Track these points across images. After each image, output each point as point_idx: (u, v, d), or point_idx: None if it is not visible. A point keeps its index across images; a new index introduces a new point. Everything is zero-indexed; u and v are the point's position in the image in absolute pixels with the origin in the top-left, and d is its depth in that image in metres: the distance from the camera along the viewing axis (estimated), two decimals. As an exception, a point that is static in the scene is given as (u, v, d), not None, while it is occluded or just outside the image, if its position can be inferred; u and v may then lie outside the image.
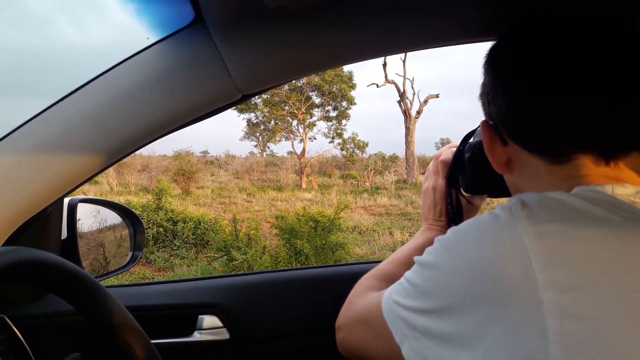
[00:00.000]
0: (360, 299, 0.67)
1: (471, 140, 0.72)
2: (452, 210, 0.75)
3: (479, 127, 0.69)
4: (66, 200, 0.94)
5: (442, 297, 0.44)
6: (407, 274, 0.50)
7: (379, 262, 0.79)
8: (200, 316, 0.99)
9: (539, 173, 0.52)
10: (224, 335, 0.99)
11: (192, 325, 0.99)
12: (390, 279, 0.65)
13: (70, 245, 0.94)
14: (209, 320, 0.99)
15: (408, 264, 0.52)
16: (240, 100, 0.73)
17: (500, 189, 0.64)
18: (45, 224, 0.87)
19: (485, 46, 0.58)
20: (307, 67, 0.72)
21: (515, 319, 0.38)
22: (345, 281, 0.76)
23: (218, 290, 1.02)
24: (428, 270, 0.47)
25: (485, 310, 0.40)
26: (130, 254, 1.11)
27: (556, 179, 0.50)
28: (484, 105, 0.58)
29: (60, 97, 0.69)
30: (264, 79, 0.71)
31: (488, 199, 0.80)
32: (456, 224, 0.56)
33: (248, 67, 0.69)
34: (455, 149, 0.75)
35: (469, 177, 0.70)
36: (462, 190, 0.75)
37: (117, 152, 0.71)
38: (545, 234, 0.40)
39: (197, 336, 0.99)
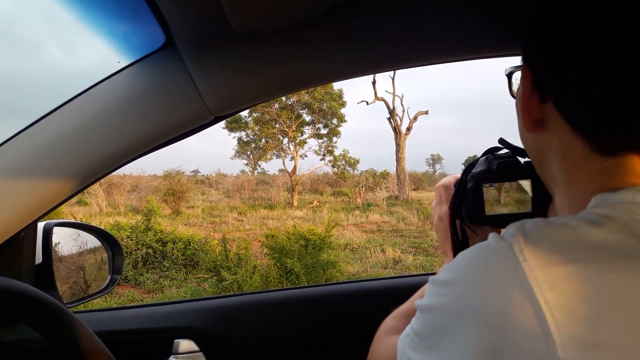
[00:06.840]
0: (380, 347, 0.63)
1: (474, 170, 0.69)
2: (457, 242, 0.72)
3: (481, 157, 0.69)
4: (41, 224, 0.93)
5: (449, 352, 0.39)
6: (413, 321, 0.46)
7: (362, 281, 0.77)
8: (176, 340, 0.97)
9: (575, 155, 0.45)
10: (201, 359, 0.98)
11: (168, 350, 0.97)
12: (411, 316, 0.63)
13: (45, 271, 0.93)
14: (185, 345, 0.97)
15: None
16: (212, 122, 0.74)
17: (505, 219, 0.63)
18: (18, 250, 0.85)
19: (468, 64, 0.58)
20: (278, 89, 0.73)
21: None
22: (325, 301, 0.75)
23: (195, 313, 1.01)
24: (427, 314, 0.43)
25: None
26: (109, 277, 1.10)
27: (592, 170, 0.44)
28: (531, 39, 0.48)
29: (31, 122, 0.69)
30: (235, 101, 0.72)
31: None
32: None
33: (219, 89, 0.69)
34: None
35: (472, 207, 0.68)
36: (465, 220, 0.72)
37: (90, 175, 0.71)
38: (558, 282, 0.35)
39: None
